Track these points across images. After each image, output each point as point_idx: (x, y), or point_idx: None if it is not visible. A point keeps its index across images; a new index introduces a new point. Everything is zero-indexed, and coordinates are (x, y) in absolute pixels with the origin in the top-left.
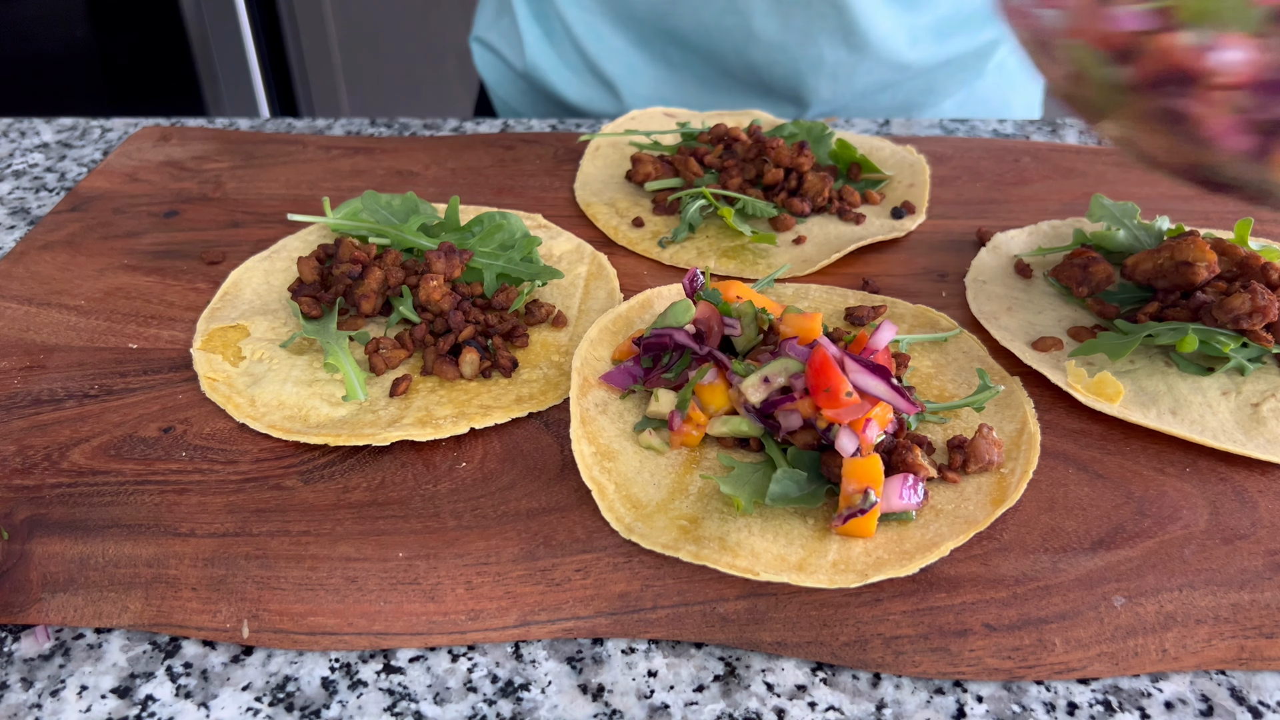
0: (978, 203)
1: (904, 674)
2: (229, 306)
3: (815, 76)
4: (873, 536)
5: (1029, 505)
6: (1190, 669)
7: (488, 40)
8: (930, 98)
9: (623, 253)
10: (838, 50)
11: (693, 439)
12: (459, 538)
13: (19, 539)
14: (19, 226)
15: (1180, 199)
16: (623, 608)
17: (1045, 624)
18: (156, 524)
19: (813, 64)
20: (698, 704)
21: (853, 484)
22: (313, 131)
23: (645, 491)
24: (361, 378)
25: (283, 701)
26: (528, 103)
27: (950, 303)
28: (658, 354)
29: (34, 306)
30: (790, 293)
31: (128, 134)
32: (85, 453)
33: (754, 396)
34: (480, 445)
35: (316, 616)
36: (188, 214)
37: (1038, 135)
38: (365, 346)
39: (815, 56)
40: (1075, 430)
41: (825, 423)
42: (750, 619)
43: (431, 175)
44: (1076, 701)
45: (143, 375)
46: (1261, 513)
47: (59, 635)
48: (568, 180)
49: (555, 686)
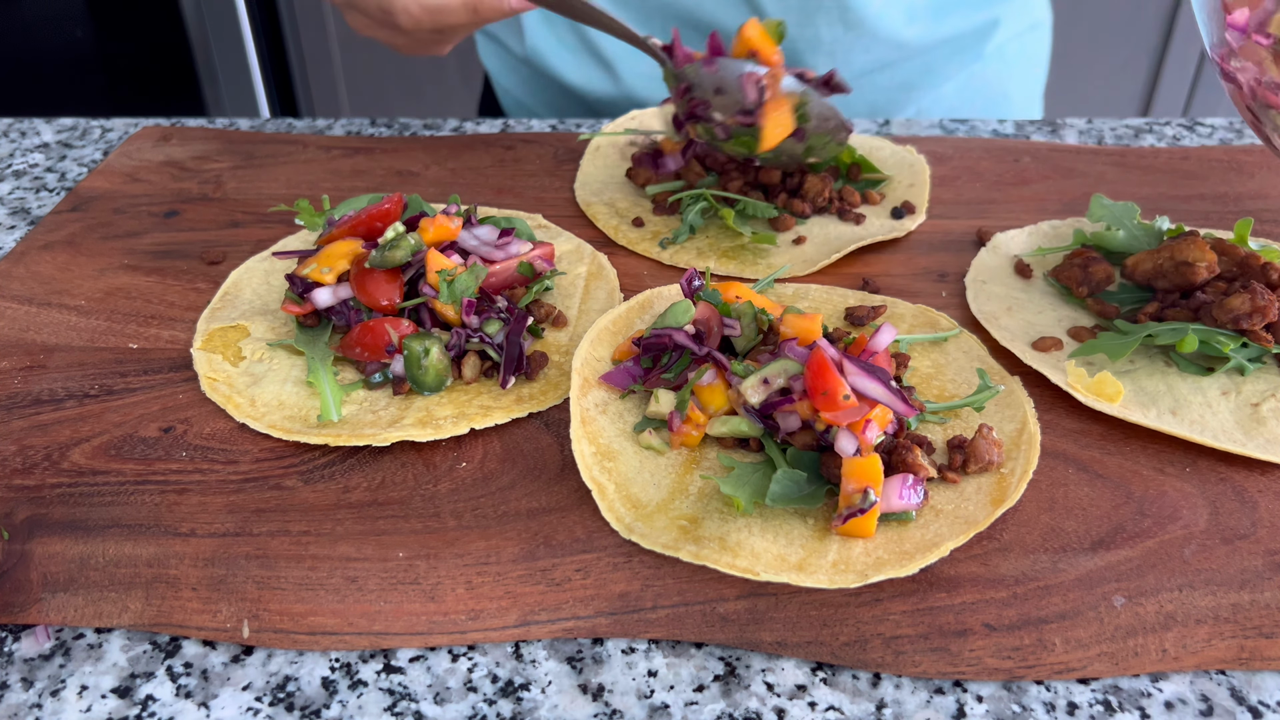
0: (978, 203)
1: (904, 674)
2: (229, 306)
3: (813, 55)
4: (873, 537)
5: (1029, 505)
6: (1190, 669)
7: (490, 30)
8: (929, 79)
9: (623, 253)
10: (835, 28)
11: (692, 439)
12: (459, 538)
13: (19, 539)
14: (19, 226)
15: (1180, 199)
16: (623, 608)
17: (1045, 624)
18: (157, 524)
19: (810, 43)
20: (698, 704)
21: (852, 484)
22: (313, 131)
23: (645, 491)
24: (339, 397)
25: (283, 701)
26: (530, 90)
27: (950, 303)
28: (657, 354)
29: (34, 306)
30: (790, 293)
31: (128, 134)
32: (85, 453)
33: (753, 397)
34: (480, 445)
35: (317, 616)
36: (188, 214)
37: (1038, 135)
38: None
39: (813, 35)
40: (1075, 430)
41: (824, 424)
42: (750, 619)
43: (431, 175)
44: (1076, 701)
45: (143, 375)
46: (1261, 513)
47: (59, 635)
48: (568, 180)
49: (555, 686)
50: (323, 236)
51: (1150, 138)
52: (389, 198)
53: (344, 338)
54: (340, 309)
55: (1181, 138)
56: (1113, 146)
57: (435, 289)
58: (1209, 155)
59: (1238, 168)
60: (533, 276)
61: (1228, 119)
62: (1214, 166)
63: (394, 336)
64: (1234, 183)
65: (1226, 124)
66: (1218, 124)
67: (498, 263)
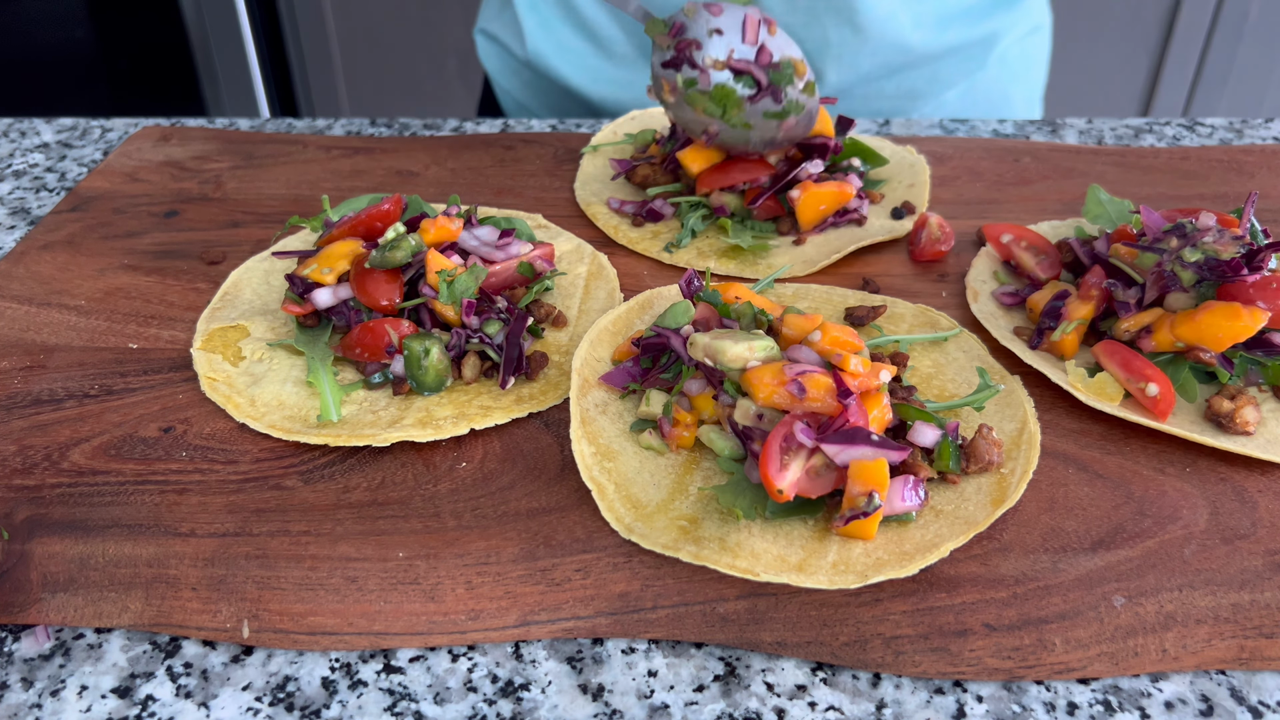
0: (978, 203)
1: (904, 674)
2: (229, 306)
3: (821, 58)
4: (873, 539)
5: (1029, 505)
6: (1190, 669)
7: (491, 31)
8: (934, 86)
9: (623, 253)
10: (842, 29)
11: (686, 440)
12: (459, 538)
13: (19, 539)
14: (19, 226)
15: (1180, 199)
16: (623, 608)
17: (1045, 624)
18: (156, 524)
19: (818, 44)
20: (698, 704)
21: (858, 486)
22: (313, 131)
23: (645, 492)
24: (338, 398)
25: (283, 701)
26: (530, 93)
27: (950, 303)
28: (656, 354)
29: (34, 306)
30: (790, 293)
31: (128, 134)
32: (85, 453)
33: (740, 419)
34: (480, 445)
35: (316, 616)
36: (188, 214)
37: (1038, 135)
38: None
39: (820, 36)
40: (1075, 430)
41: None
42: (750, 619)
43: (431, 175)
44: (1076, 701)
45: (143, 375)
46: (1261, 513)
47: (59, 635)
48: (568, 180)
49: (555, 686)
50: (323, 237)
51: (1150, 138)
52: (389, 198)
53: (344, 338)
54: (340, 309)
55: (1181, 138)
56: (1113, 146)
57: (435, 289)
58: (1209, 155)
59: (1238, 168)
60: (533, 277)
61: (1228, 119)
62: (1214, 166)
63: (394, 337)
64: (1234, 183)
65: (1226, 124)
66: (1218, 124)
67: (498, 263)
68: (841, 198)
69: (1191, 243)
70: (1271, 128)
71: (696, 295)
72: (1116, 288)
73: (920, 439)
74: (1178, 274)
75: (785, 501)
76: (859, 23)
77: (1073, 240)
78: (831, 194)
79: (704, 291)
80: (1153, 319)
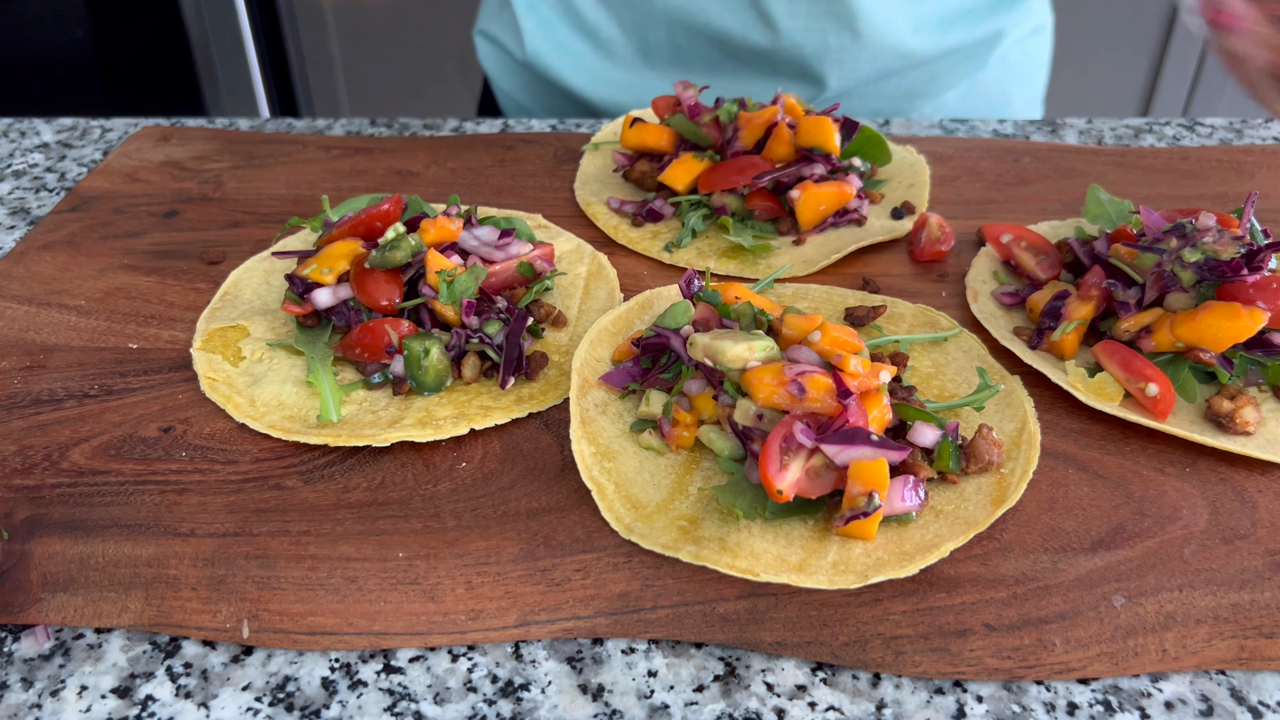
0: (978, 203)
1: (904, 674)
2: (229, 306)
3: (821, 63)
4: (873, 539)
5: (1029, 505)
6: (1190, 669)
7: (490, 32)
8: (934, 87)
9: (623, 253)
10: (843, 35)
11: (686, 440)
12: (459, 538)
13: (19, 539)
14: (19, 226)
15: (1180, 199)
16: (623, 608)
17: (1045, 624)
18: (156, 524)
19: (818, 50)
20: (698, 704)
21: (858, 486)
22: (313, 131)
23: (645, 492)
24: (338, 398)
25: (283, 701)
26: (530, 94)
27: (950, 303)
28: (656, 355)
29: (34, 306)
30: (790, 293)
31: (128, 134)
32: (85, 453)
33: (740, 419)
34: (480, 445)
35: (316, 616)
36: (188, 214)
37: (1038, 135)
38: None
39: (820, 42)
40: (1075, 430)
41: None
42: (750, 619)
43: (431, 175)
44: (1076, 701)
45: (143, 375)
46: (1261, 513)
47: (59, 635)
48: (568, 180)
49: (555, 686)
50: (323, 237)
51: (1150, 138)
52: (389, 198)
53: (344, 338)
54: (340, 309)
55: (1181, 138)
56: (1113, 146)
57: (435, 289)
58: (1209, 155)
59: (1238, 168)
60: (533, 277)
61: (1228, 119)
62: (1214, 166)
63: (394, 337)
64: (1234, 183)
65: (1226, 124)
66: (1218, 124)
67: (498, 263)
68: (841, 198)
69: (1191, 243)
70: (1271, 128)
71: (696, 295)
72: (1116, 288)
73: (920, 439)
74: (1177, 274)
75: (785, 502)
76: (858, 28)
77: (1073, 240)
78: (831, 194)
79: (704, 291)
80: (1153, 319)
